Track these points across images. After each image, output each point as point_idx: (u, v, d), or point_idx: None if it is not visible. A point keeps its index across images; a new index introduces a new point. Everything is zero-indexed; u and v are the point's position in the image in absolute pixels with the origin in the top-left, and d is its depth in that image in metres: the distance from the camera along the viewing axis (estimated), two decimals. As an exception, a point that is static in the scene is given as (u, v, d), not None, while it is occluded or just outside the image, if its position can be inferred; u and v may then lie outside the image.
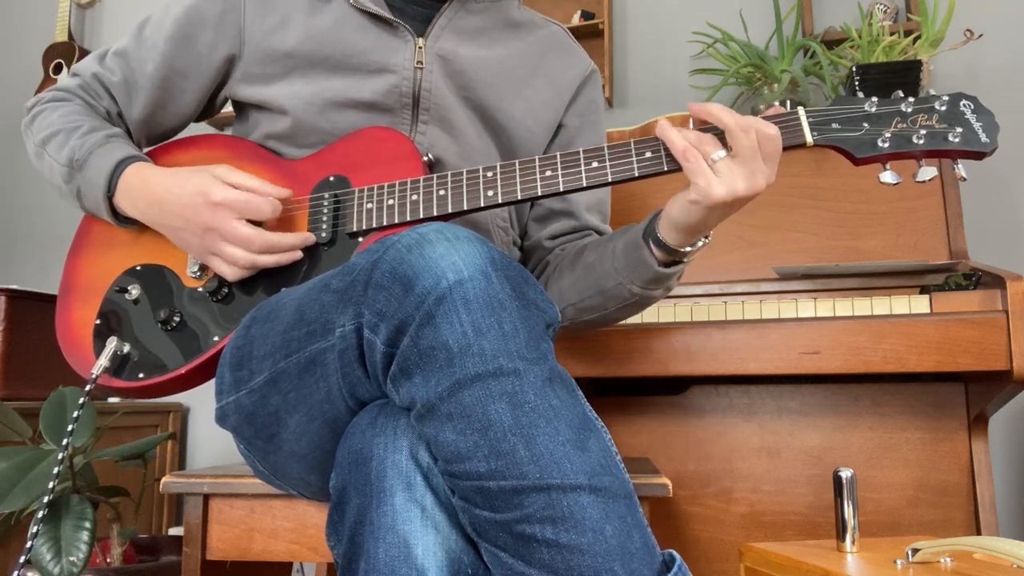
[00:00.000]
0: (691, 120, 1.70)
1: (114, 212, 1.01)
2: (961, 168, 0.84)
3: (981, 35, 1.75)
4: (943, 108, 0.85)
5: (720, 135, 0.84)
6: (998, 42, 1.82)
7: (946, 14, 1.62)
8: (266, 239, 0.92)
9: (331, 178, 0.98)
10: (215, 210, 0.92)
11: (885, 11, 1.80)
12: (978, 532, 1.39)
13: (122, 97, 1.08)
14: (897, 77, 1.53)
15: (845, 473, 1.03)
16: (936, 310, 1.23)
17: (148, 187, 0.96)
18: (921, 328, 1.21)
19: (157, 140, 1.13)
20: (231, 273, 0.94)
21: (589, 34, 2.04)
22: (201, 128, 2.12)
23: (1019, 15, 1.82)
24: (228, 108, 1.15)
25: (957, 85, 1.83)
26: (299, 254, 0.95)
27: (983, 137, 0.83)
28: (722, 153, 0.82)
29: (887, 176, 0.86)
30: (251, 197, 0.93)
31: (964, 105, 0.85)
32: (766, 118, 0.85)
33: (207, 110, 1.13)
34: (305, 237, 0.95)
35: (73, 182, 1.00)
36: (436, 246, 0.65)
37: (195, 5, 1.05)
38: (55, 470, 0.92)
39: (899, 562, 0.94)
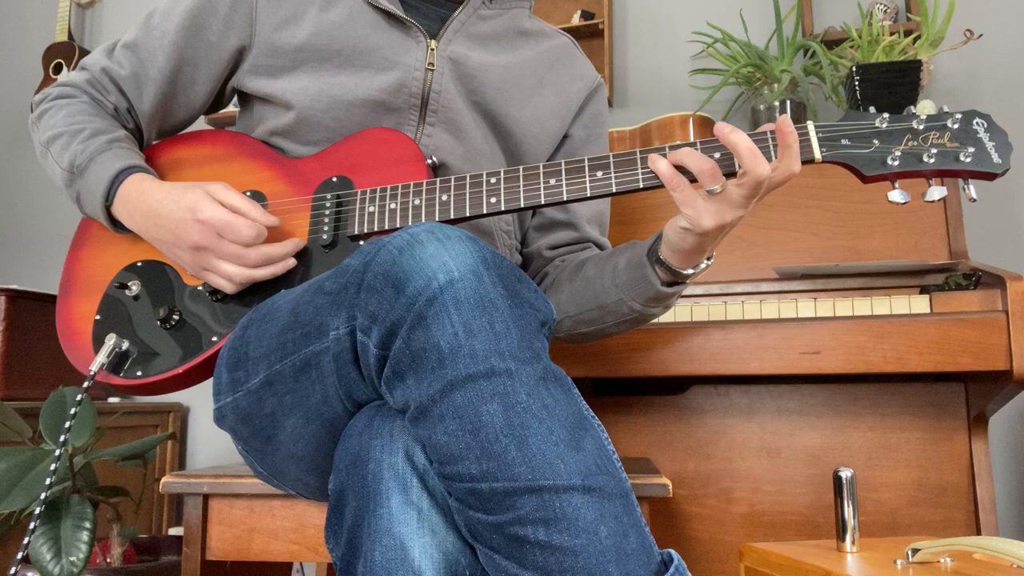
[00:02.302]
0: (690, 120, 1.70)
1: (112, 220, 1.00)
2: (972, 189, 0.82)
3: (981, 35, 1.75)
4: (955, 126, 0.83)
5: (726, 158, 0.83)
6: (998, 42, 1.82)
7: (946, 14, 1.61)
8: (261, 252, 0.91)
9: (334, 179, 0.98)
10: (203, 228, 0.91)
11: (885, 11, 1.80)
12: (978, 532, 1.39)
13: (132, 91, 1.07)
14: (897, 77, 1.53)
15: (845, 473, 1.03)
16: (936, 310, 1.23)
17: (144, 200, 0.95)
18: (921, 328, 1.21)
19: (168, 133, 1.12)
20: (229, 288, 0.93)
21: (589, 34, 2.04)
22: (200, 125, 2.12)
23: (1019, 15, 1.82)
24: (231, 108, 1.15)
25: (957, 85, 1.83)
26: (293, 261, 0.94)
27: (995, 158, 0.82)
28: (719, 187, 0.81)
29: (896, 195, 0.84)
30: (235, 219, 0.90)
31: (977, 123, 0.83)
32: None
33: (217, 102, 1.12)
34: (296, 243, 0.94)
35: (73, 187, 1.00)
36: (427, 247, 0.65)
37: None
38: (52, 467, 0.92)
39: (899, 562, 0.94)
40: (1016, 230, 1.76)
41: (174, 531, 2.08)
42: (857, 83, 1.55)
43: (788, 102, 1.68)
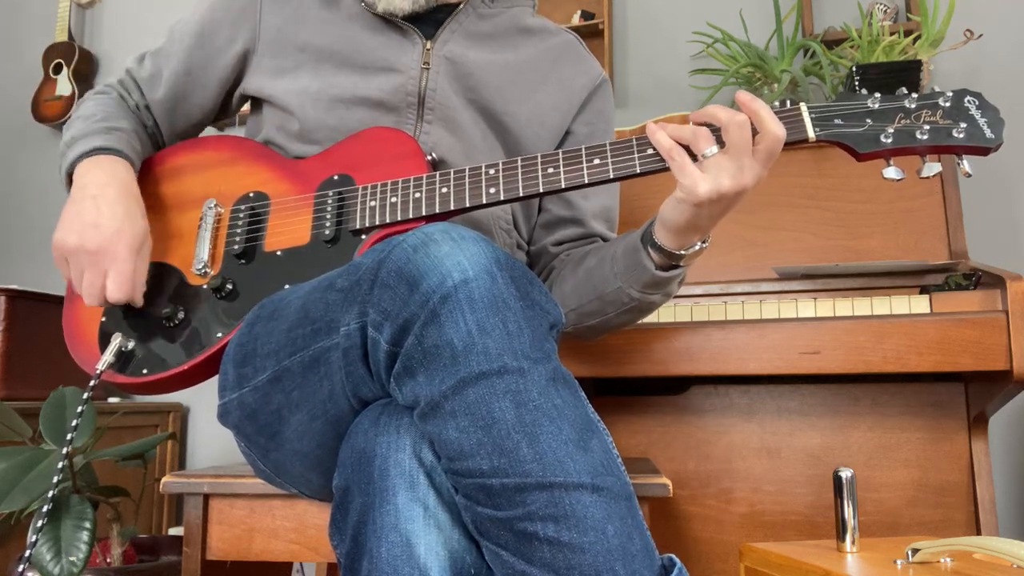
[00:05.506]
0: (690, 120, 1.70)
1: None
2: (966, 164, 0.83)
3: (981, 35, 1.75)
4: (947, 104, 0.84)
5: (718, 131, 0.84)
6: (998, 42, 1.82)
7: (946, 14, 1.62)
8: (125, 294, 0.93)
9: (335, 176, 1.00)
10: (92, 256, 0.92)
11: (885, 11, 1.80)
12: (978, 532, 1.39)
13: (148, 89, 1.13)
14: (897, 77, 1.53)
15: (845, 473, 1.03)
16: (936, 310, 1.23)
17: (96, 177, 0.97)
18: (921, 328, 1.21)
19: (182, 136, 1.16)
20: (78, 290, 0.95)
21: (589, 34, 2.04)
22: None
23: (1019, 15, 1.82)
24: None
25: (957, 85, 1.83)
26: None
27: (988, 133, 0.82)
28: (714, 149, 0.82)
29: (891, 172, 0.85)
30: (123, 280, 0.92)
31: (969, 101, 0.84)
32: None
33: (225, 106, 1.16)
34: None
35: (60, 160, 1.03)
36: (442, 246, 0.65)
37: (218, 1, 1.10)
38: (60, 464, 0.92)
39: (899, 562, 0.94)
40: (1016, 230, 1.76)
41: (174, 531, 2.08)
42: (857, 83, 1.55)
43: (788, 102, 1.68)
